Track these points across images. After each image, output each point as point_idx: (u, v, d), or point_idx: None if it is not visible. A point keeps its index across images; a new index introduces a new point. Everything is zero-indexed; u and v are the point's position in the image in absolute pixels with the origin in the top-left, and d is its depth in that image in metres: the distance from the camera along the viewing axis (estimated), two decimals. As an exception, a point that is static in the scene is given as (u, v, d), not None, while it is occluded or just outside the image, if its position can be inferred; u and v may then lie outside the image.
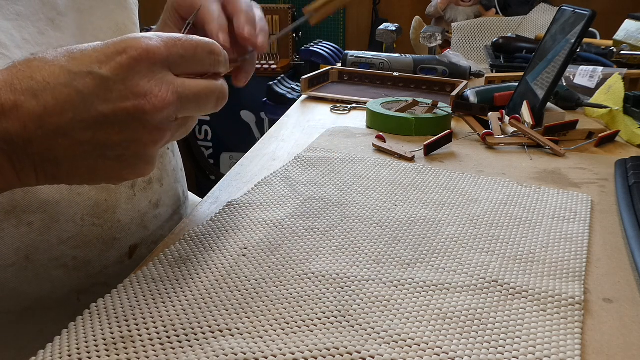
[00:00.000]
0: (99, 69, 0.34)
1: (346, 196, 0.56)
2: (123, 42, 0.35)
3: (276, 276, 0.42)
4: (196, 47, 0.37)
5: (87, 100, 0.33)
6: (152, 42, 0.35)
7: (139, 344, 0.35)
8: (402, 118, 0.79)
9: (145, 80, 0.34)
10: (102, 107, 0.34)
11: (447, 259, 0.45)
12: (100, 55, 0.34)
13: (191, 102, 0.37)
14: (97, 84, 0.34)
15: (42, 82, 0.33)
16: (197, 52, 0.37)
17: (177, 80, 0.36)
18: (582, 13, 0.77)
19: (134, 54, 0.34)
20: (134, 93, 0.34)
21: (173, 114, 0.36)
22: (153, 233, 0.58)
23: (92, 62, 0.34)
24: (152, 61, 0.35)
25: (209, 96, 0.39)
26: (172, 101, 0.35)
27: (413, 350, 0.34)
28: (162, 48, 0.35)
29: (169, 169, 0.61)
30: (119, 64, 0.34)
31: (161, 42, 0.35)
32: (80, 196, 0.49)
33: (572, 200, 0.56)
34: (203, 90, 0.38)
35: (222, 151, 2.52)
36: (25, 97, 0.33)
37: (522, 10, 1.58)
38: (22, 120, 0.33)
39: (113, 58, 0.34)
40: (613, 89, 0.87)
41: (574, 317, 0.38)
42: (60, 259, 0.49)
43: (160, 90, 0.35)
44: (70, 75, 0.33)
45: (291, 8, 2.42)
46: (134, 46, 0.34)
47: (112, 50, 0.34)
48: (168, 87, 0.35)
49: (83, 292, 0.52)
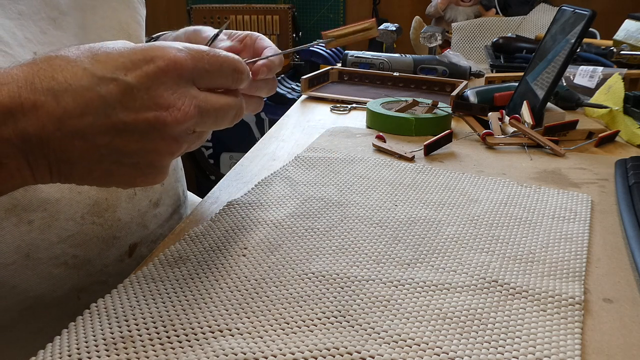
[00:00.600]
0: (125, 76, 0.33)
1: (346, 196, 0.56)
2: (151, 50, 0.34)
3: (276, 276, 0.42)
4: (222, 63, 0.38)
5: (108, 106, 0.33)
6: (180, 54, 0.35)
7: (139, 344, 0.35)
8: (402, 118, 0.79)
9: (169, 92, 0.34)
10: (123, 114, 0.33)
11: (447, 259, 0.45)
12: (127, 61, 0.34)
13: (210, 116, 0.38)
14: (121, 91, 0.33)
15: (64, 83, 0.33)
16: (222, 67, 0.38)
17: (200, 95, 0.36)
18: (582, 13, 0.77)
19: (162, 64, 0.34)
20: (157, 104, 0.34)
21: (192, 127, 0.36)
22: (153, 232, 0.59)
23: (117, 68, 0.34)
24: (178, 73, 0.35)
25: (227, 112, 0.39)
26: (193, 115, 0.35)
27: (413, 350, 0.34)
28: (189, 61, 0.35)
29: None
30: (145, 72, 0.34)
31: (189, 54, 0.35)
32: (80, 195, 0.50)
33: (572, 200, 0.56)
34: (223, 107, 0.38)
35: (222, 151, 2.52)
36: (46, 98, 0.33)
37: (522, 10, 1.58)
38: (41, 120, 0.33)
39: (140, 66, 0.34)
40: (613, 89, 0.87)
41: (574, 317, 0.38)
42: (61, 258, 0.50)
43: (184, 103, 0.35)
44: (94, 79, 0.33)
45: (291, 8, 2.42)
46: (162, 56, 0.34)
47: (140, 57, 0.34)
48: (191, 101, 0.35)
49: (83, 290, 0.52)
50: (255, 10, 2.42)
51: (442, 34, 1.45)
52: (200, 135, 0.40)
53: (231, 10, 2.45)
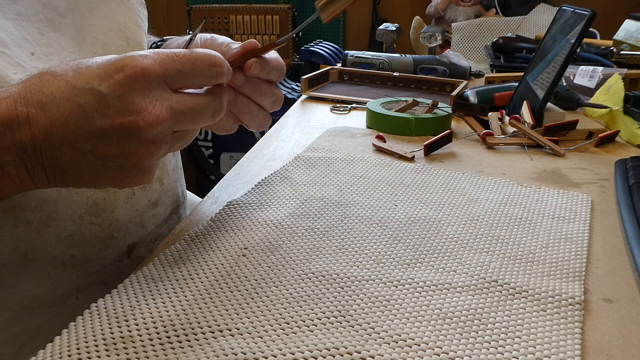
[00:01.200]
0: (99, 86, 0.36)
1: (346, 196, 0.56)
2: (121, 61, 0.37)
3: (276, 276, 0.42)
4: (194, 61, 0.39)
5: (87, 115, 0.36)
6: (146, 61, 0.37)
7: (139, 344, 0.35)
8: (402, 118, 0.79)
9: (140, 97, 0.36)
10: (100, 121, 0.36)
11: (447, 259, 0.45)
12: (101, 72, 0.36)
13: (186, 116, 0.39)
14: (97, 100, 0.36)
15: (50, 96, 0.36)
16: (195, 65, 0.39)
17: (173, 97, 0.38)
18: (582, 13, 0.77)
19: (130, 72, 0.36)
20: (129, 110, 0.36)
21: (168, 128, 0.38)
22: (151, 232, 0.59)
23: (93, 79, 0.36)
24: (147, 79, 0.36)
25: (204, 110, 0.40)
26: (166, 117, 0.37)
27: (413, 350, 0.34)
28: (156, 66, 0.37)
29: (169, 168, 0.61)
30: (116, 81, 0.36)
31: (157, 59, 0.37)
32: (78, 195, 0.50)
33: (572, 200, 0.56)
34: (198, 105, 0.40)
35: (222, 151, 2.52)
36: (36, 110, 0.36)
37: (522, 10, 1.58)
38: (33, 130, 0.36)
39: (111, 76, 0.36)
40: (613, 89, 0.87)
41: (574, 317, 0.38)
42: (59, 258, 0.50)
43: (155, 107, 0.37)
44: (74, 91, 0.36)
45: (291, 8, 2.42)
46: (130, 64, 0.36)
47: (112, 68, 0.36)
48: (162, 104, 0.37)
49: (81, 290, 0.52)
50: (255, 10, 2.42)
51: (442, 34, 1.45)
52: (183, 134, 0.41)
53: (231, 10, 2.45)
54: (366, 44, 2.57)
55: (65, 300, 0.51)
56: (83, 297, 0.52)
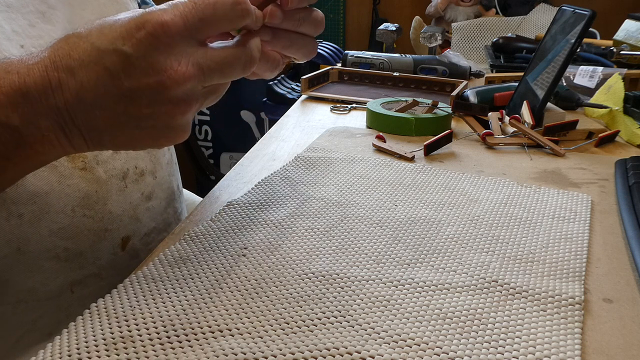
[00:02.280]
0: (122, 46, 0.35)
1: (346, 196, 0.56)
2: (142, 17, 0.35)
3: (276, 276, 0.42)
4: (214, 4, 0.36)
5: (114, 77, 0.35)
6: (166, 16, 0.35)
7: (139, 344, 0.35)
8: (402, 118, 0.79)
9: (164, 55, 0.35)
10: (128, 82, 0.35)
11: (447, 259, 0.45)
12: (124, 31, 0.35)
13: (214, 71, 0.38)
14: (122, 61, 0.35)
15: (78, 60, 0.36)
16: (216, 8, 0.36)
17: (199, 51, 0.37)
18: (582, 13, 0.77)
19: (151, 30, 0.35)
20: (154, 69, 0.35)
21: (197, 84, 0.37)
22: (146, 225, 0.58)
23: (116, 39, 0.35)
24: (170, 34, 0.35)
25: (233, 63, 0.38)
26: (193, 74, 0.36)
27: (413, 350, 0.34)
28: (177, 19, 0.35)
29: (162, 161, 0.61)
30: (138, 40, 0.35)
31: (177, 13, 0.35)
32: (70, 187, 0.50)
33: (572, 200, 0.56)
34: (227, 58, 0.38)
35: (222, 151, 2.52)
36: (66, 75, 0.36)
37: (522, 10, 1.58)
38: (65, 95, 0.36)
39: (133, 34, 0.35)
40: (613, 89, 0.87)
41: (574, 317, 0.38)
42: (52, 251, 0.49)
43: (180, 64, 0.36)
44: (99, 53, 0.35)
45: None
46: (150, 20, 0.35)
47: (133, 25, 0.35)
48: (188, 60, 0.36)
49: (76, 283, 0.52)
50: (255, 10, 2.41)
51: (442, 34, 1.45)
52: (214, 89, 0.40)
53: (231, 10, 2.44)
54: (366, 44, 2.57)
55: (60, 293, 0.51)
56: (78, 290, 0.52)
